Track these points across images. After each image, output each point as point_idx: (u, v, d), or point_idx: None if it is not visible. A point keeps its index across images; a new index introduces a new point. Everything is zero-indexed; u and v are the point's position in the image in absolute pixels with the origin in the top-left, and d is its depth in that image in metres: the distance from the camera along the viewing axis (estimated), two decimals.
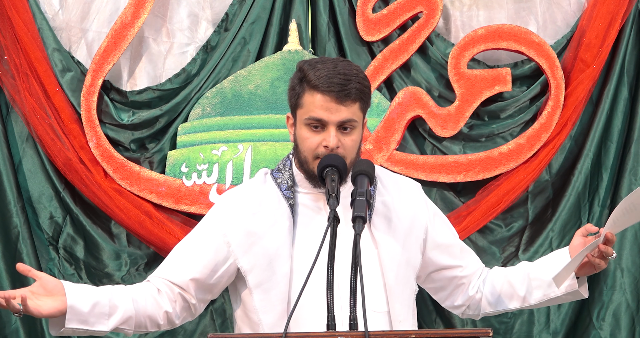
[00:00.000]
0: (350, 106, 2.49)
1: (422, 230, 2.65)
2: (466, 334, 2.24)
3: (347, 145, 2.50)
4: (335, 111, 2.48)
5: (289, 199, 2.58)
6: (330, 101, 2.48)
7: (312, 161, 2.52)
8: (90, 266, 3.91)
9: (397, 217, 2.59)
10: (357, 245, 2.23)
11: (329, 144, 2.48)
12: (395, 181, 2.68)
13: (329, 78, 2.48)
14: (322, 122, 2.50)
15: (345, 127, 2.50)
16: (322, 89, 2.48)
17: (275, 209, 2.58)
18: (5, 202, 3.87)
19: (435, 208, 2.74)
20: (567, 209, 3.89)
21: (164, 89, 3.97)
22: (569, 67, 3.90)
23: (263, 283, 2.53)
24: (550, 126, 3.85)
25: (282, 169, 2.63)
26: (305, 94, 2.51)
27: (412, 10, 3.92)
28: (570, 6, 4.02)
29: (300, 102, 2.53)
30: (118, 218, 3.84)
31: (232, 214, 2.60)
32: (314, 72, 2.50)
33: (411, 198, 2.67)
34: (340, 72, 2.49)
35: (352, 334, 2.15)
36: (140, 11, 3.93)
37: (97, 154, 3.87)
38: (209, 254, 2.58)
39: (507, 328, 3.86)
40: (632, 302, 3.84)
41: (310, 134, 2.51)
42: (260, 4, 3.96)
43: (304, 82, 2.51)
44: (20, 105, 3.87)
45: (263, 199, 2.60)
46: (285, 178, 2.61)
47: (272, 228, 2.56)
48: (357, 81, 2.49)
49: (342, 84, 2.47)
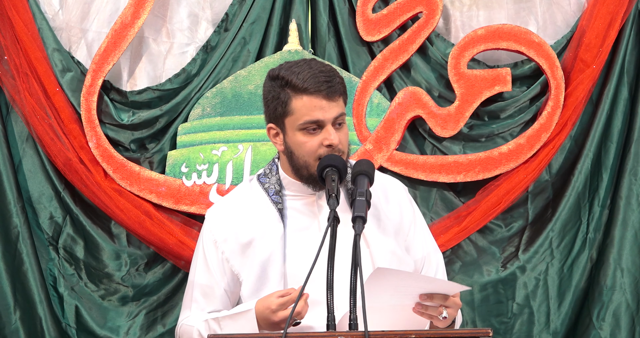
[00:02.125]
0: (339, 101, 2.53)
1: (407, 229, 2.68)
2: (466, 334, 2.24)
3: (343, 140, 2.55)
4: (329, 109, 2.51)
5: (277, 203, 2.58)
6: (321, 100, 2.50)
7: (313, 164, 2.52)
8: (90, 266, 3.91)
9: (386, 217, 2.61)
10: (357, 245, 2.23)
11: (332, 142, 2.49)
12: (381, 181, 2.69)
13: (314, 78, 2.50)
14: (319, 123, 2.51)
15: (339, 122, 2.54)
16: (311, 90, 2.49)
17: (264, 215, 2.59)
18: (5, 202, 3.87)
19: (418, 213, 2.75)
20: (567, 209, 3.89)
21: (164, 89, 3.96)
22: (569, 67, 3.89)
23: (259, 290, 2.54)
24: (550, 126, 3.85)
25: (269, 174, 2.63)
26: (293, 100, 2.51)
27: (412, 11, 3.92)
28: (570, 6, 4.02)
29: (289, 110, 2.52)
30: (118, 218, 3.84)
31: (222, 228, 2.63)
32: (296, 76, 2.50)
33: (397, 198, 2.70)
34: (320, 70, 2.52)
35: (352, 334, 2.15)
36: (140, 11, 3.93)
37: (97, 154, 3.87)
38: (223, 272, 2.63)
39: (507, 328, 3.86)
40: (632, 302, 3.83)
41: (308, 138, 2.52)
42: (260, 4, 3.96)
43: (287, 89, 2.51)
44: (20, 105, 3.87)
45: (251, 206, 2.62)
46: (273, 182, 2.61)
47: (263, 234, 2.57)
48: (337, 75, 2.54)
49: (328, 82, 2.50)
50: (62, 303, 3.89)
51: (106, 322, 3.88)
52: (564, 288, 3.87)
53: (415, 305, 2.33)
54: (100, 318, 3.88)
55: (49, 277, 3.90)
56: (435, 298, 2.31)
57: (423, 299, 2.31)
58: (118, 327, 3.87)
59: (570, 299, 3.86)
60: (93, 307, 3.89)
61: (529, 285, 3.87)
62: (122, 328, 3.87)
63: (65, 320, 3.88)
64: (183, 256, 3.79)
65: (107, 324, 3.87)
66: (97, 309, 3.89)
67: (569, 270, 3.88)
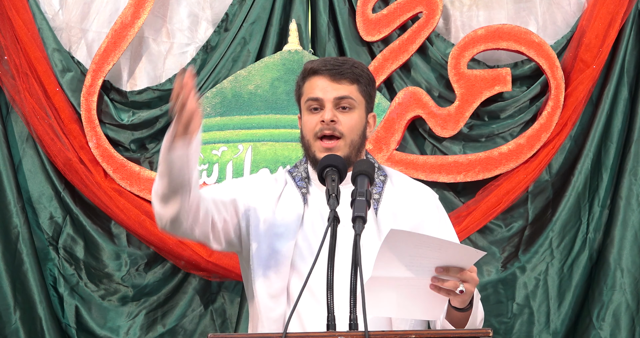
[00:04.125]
0: (347, 86, 2.58)
1: (428, 231, 2.63)
2: (466, 334, 2.24)
3: (345, 123, 2.57)
4: (331, 89, 2.58)
5: (301, 188, 2.63)
6: (325, 80, 2.59)
7: (314, 143, 2.58)
8: (90, 266, 3.91)
9: (404, 212, 2.61)
10: (357, 245, 2.23)
11: (324, 118, 2.57)
12: (409, 182, 2.72)
13: (324, 61, 2.61)
14: (320, 101, 2.59)
15: (344, 106, 2.58)
16: (318, 71, 2.59)
17: (288, 198, 2.63)
18: (5, 202, 3.87)
19: (445, 221, 2.71)
20: (567, 209, 3.89)
21: (164, 89, 3.97)
22: (569, 67, 3.89)
23: (265, 259, 2.57)
24: (550, 126, 3.85)
25: (298, 165, 2.71)
26: (305, 82, 2.63)
27: (412, 11, 3.92)
28: (570, 6, 4.02)
29: (301, 92, 2.64)
30: (118, 218, 3.84)
31: (262, 185, 2.67)
32: (312, 63, 2.63)
33: (422, 199, 2.69)
34: (338, 59, 2.64)
35: (352, 334, 2.15)
36: (140, 11, 3.93)
37: (97, 154, 3.87)
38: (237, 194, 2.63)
39: (507, 328, 3.86)
40: (632, 302, 3.83)
41: (310, 117, 2.60)
42: (260, 4, 3.96)
43: (303, 73, 2.64)
44: (20, 105, 3.87)
45: (281, 190, 2.67)
46: (300, 171, 2.68)
47: (283, 211, 2.61)
48: (354, 65, 2.61)
49: (337, 65, 2.59)
50: (62, 303, 3.89)
51: (106, 322, 3.88)
52: (564, 288, 3.87)
53: (432, 279, 2.32)
54: (100, 318, 3.88)
55: (49, 277, 3.90)
56: (452, 271, 2.30)
57: (439, 272, 2.31)
58: (118, 327, 3.87)
59: (570, 299, 3.86)
60: (93, 307, 3.89)
61: (529, 285, 3.87)
62: (122, 328, 3.87)
63: (65, 320, 3.88)
64: (183, 256, 3.79)
65: (107, 324, 3.87)
66: (97, 309, 3.89)
67: (569, 270, 3.88)
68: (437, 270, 2.31)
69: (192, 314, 3.88)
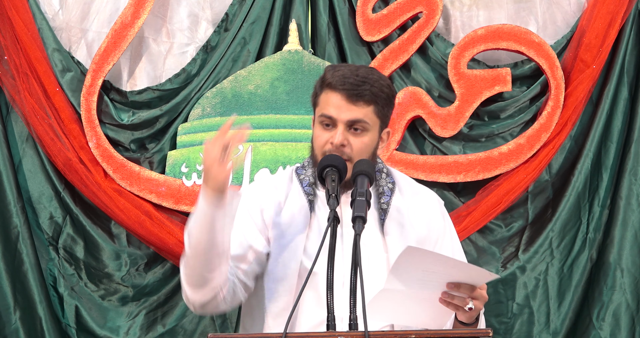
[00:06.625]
0: (363, 107, 2.50)
1: (434, 242, 2.63)
2: (466, 334, 2.24)
3: (355, 146, 2.51)
4: (346, 110, 2.50)
5: (308, 195, 2.58)
6: (341, 99, 2.50)
7: (320, 158, 2.52)
8: (90, 267, 3.91)
9: (411, 224, 2.58)
10: (357, 245, 2.23)
11: (332, 141, 2.49)
12: (416, 190, 2.68)
13: (344, 77, 2.50)
14: (333, 120, 2.51)
15: (356, 128, 2.51)
16: (336, 87, 2.50)
17: (295, 204, 2.58)
18: (5, 202, 3.87)
19: (450, 229, 2.70)
20: (567, 209, 3.89)
21: (164, 89, 3.97)
22: (569, 67, 3.89)
23: (273, 271, 2.54)
24: (550, 126, 3.85)
25: (306, 167, 2.64)
26: (322, 93, 2.54)
27: (412, 11, 3.92)
28: (570, 6, 4.02)
29: (317, 101, 2.56)
30: (118, 218, 3.84)
31: (265, 196, 2.61)
32: (333, 72, 2.52)
33: (429, 209, 2.66)
34: (358, 74, 2.51)
35: (352, 334, 2.15)
36: (140, 11, 3.93)
37: (97, 154, 3.87)
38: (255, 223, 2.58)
39: (507, 328, 3.86)
40: (632, 302, 3.83)
41: (321, 132, 2.53)
42: (260, 4, 3.96)
43: (322, 82, 2.54)
44: (20, 105, 3.87)
45: (287, 193, 2.61)
46: (308, 174, 2.62)
47: (291, 221, 2.57)
48: (374, 84, 2.50)
49: (356, 85, 2.49)
50: (62, 303, 3.89)
51: (106, 322, 3.88)
52: (564, 288, 3.87)
53: (442, 294, 2.32)
54: (100, 318, 3.88)
55: (49, 277, 3.90)
56: (463, 288, 2.30)
57: (450, 288, 2.30)
58: (118, 327, 3.87)
59: (570, 299, 3.86)
60: (93, 307, 3.89)
61: (529, 285, 3.87)
62: (122, 328, 3.87)
63: (65, 320, 3.88)
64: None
65: (107, 324, 3.87)
66: (97, 309, 3.89)
67: (569, 270, 3.88)
68: (448, 286, 2.30)
69: (192, 314, 3.88)
